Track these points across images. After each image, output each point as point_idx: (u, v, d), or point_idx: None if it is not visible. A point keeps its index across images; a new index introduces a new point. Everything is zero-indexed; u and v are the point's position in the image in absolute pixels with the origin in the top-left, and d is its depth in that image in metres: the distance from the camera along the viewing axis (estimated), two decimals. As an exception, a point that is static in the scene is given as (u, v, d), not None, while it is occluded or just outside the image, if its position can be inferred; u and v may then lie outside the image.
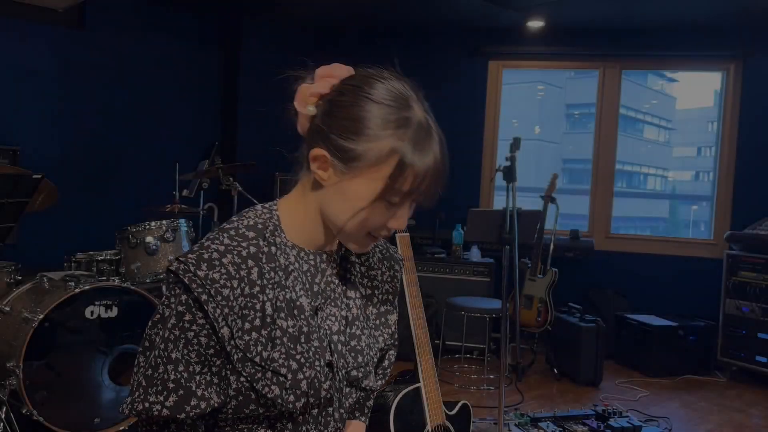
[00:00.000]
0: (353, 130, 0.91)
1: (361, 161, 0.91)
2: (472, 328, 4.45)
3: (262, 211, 1.01)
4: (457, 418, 2.34)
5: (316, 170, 0.95)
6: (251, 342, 0.92)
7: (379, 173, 0.91)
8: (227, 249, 0.93)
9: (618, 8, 4.59)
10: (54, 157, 4.40)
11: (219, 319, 0.90)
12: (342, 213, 0.95)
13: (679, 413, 3.80)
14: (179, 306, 0.92)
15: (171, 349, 0.91)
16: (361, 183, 0.92)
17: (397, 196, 0.92)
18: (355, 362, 1.03)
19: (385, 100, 0.92)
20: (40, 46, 4.35)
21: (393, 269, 1.15)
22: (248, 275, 0.93)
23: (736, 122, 5.00)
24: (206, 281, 0.90)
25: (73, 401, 2.78)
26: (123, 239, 3.33)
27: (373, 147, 0.90)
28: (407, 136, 0.91)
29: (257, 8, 5.02)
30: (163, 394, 0.91)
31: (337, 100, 0.94)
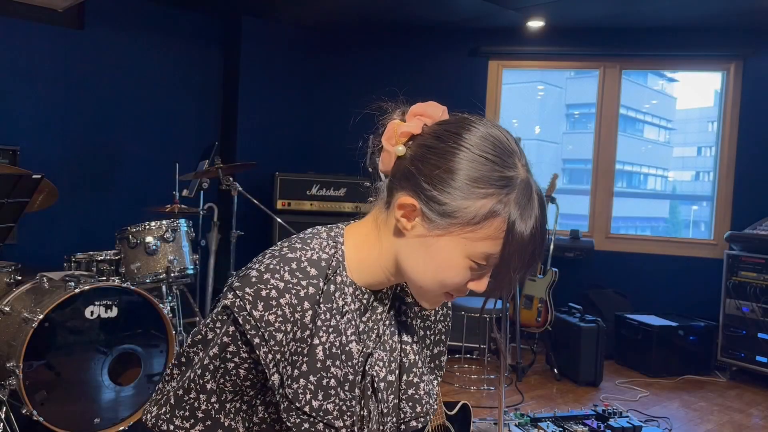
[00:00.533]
0: (449, 182, 0.83)
1: (455, 218, 0.84)
2: (472, 328, 4.45)
3: (327, 242, 0.94)
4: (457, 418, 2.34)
5: (400, 218, 0.88)
6: (299, 390, 0.88)
7: (473, 234, 0.84)
8: (286, 287, 0.87)
9: (618, 8, 4.59)
10: (54, 157, 4.40)
11: (270, 365, 0.87)
12: (424, 270, 0.88)
13: (679, 413, 3.80)
14: (225, 336, 0.88)
15: (207, 379, 0.89)
16: (451, 242, 0.85)
17: (488, 260, 0.86)
18: (413, 412, 0.99)
19: (487, 154, 0.84)
20: (40, 46, 4.35)
21: (446, 307, 1.09)
22: (302, 318, 0.88)
23: (736, 122, 5.00)
24: (261, 323, 0.85)
25: (73, 401, 2.77)
26: (123, 239, 3.33)
27: (471, 205, 0.83)
28: (511, 198, 0.83)
29: (257, 8, 5.02)
30: (190, 422, 0.90)
31: (432, 146, 0.86)
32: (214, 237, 3.99)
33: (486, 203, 0.83)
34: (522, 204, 0.83)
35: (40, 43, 4.35)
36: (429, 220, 0.85)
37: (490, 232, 0.83)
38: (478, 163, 0.83)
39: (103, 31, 4.63)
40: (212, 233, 4.00)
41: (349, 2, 4.77)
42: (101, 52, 4.62)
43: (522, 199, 0.84)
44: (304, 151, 5.44)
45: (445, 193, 0.84)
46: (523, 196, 0.84)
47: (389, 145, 0.90)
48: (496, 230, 0.83)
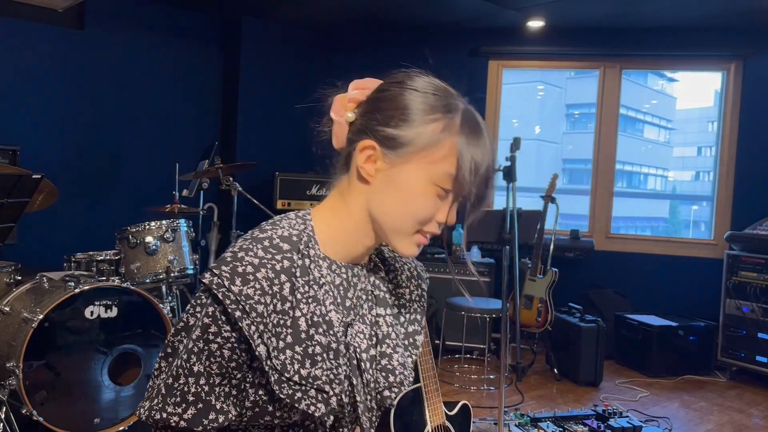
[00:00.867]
0: (401, 117, 0.91)
1: (411, 146, 0.91)
2: (472, 328, 4.45)
3: (296, 221, 0.98)
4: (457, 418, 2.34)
5: (363, 164, 0.93)
6: (287, 361, 0.90)
7: (430, 157, 0.91)
8: (261, 262, 0.90)
9: (618, 8, 4.59)
10: (54, 157, 4.40)
11: (254, 336, 0.88)
12: (393, 204, 0.94)
13: (679, 413, 3.80)
14: (205, 318, 0.90)
15: (194, 362, 0.91)
16: (413, 169, 0.92)
17: (449, 182, 0.92)
18: (386, 382, 1.01)
19: (428, 90, 0.94)
20: (40, 46, 4.35)
21: (421, 288, 1.13)
22: (281, 290, 0.91)
23: (736, 122, 5.00)
24: (240, 297, 0.88)
25: (73, 401, 2.77)
26: (123, 239, 3.33)
27: (423, 131, 0.91)
28: (456, 122, 0.92)
29: (257, 8, 5.02)
30: (182, 406, 0.91)
31: (379, 97, 0.95)
32: (214, 237, 3.99)
33: (437, 126, 0.91)
34: (469, 123, 0.93)
35: (40, 43, 4.35)
36: (389, 156, 0.92)
37: (446, 150, 0.91)
38: (423, 98, 0.93)
39: (103, 31, 4.63)
40: (212, 233, 4.01)
41: (349, 2, 4.77)
42: (101, 52, 4.62)
43: (468, 120, 0.93)
44: (304, 151, 5.44)
45: (399, 127, 0.91)
46: (468, 118, 0.93)
47: (339, 116, 0.97)
48: (451, 148, 0.91)
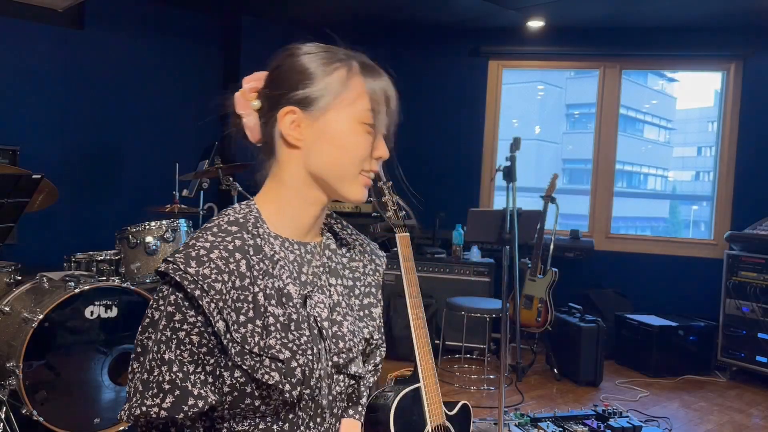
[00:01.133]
0: (305, 78, 0.97)
1: (325, 97, 0.97)
2: (472, 328, 4.45)
3: (240, 207, 1.03)
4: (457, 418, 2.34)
5: (289, 132, 0.98)
6: (247, 334, 0.93)
7: (346, 101, 0.97)
8: (213, 245, 0.94)
9: (618, 8, 4.59)
10: (54, 157, 4.40)
11: (214, 313, 0.91)
12: (330, 154, 0.98)
13: (679, 413, 3.80)
14: (168, 306, 0.92)
15: (164, 351, 0.92)
16: (335, 116, 0.97)
17: (370, 118, 0.98)
18: (336, 348, 1.04)
19: (318, 50, 1.00)
20: (40, 46, 4.35)
21: (374, 263, 1.18)
22: (237, 268, 0.94)
23: (736, 122, 5.00)
24: (197, 277, 0.91)
25: (73, 401, 2.77)
26: (123, 239, 3.33)
27: (330, 81, 0.97)
28: (355, 64, 0.99)
29: (257, 8, 5.02)
30: (160, 396, 0.91)
31: (277, 73, 1.00)
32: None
33: (340, 73, 0.98)
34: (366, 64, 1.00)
35: (40, 43, 4.35)
36: (309, 114, 0.97)
37: (357, 90, 0.98)
38: (316, 56, 0.99)
39: (103, 31, 4.63)
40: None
41: (349, 2, 4.77)
42: (101, 52, 4.62)
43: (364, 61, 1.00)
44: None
45: (307, 86, 0.97)
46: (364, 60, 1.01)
47: (245, 108, 1.03)
48: (360, 87, 0.98)
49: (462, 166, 5.47)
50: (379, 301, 1.17)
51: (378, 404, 2.19)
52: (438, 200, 5.23)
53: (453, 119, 5.47)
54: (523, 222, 3.27)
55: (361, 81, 0.98)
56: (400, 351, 4.48)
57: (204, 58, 5.21)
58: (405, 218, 2.36)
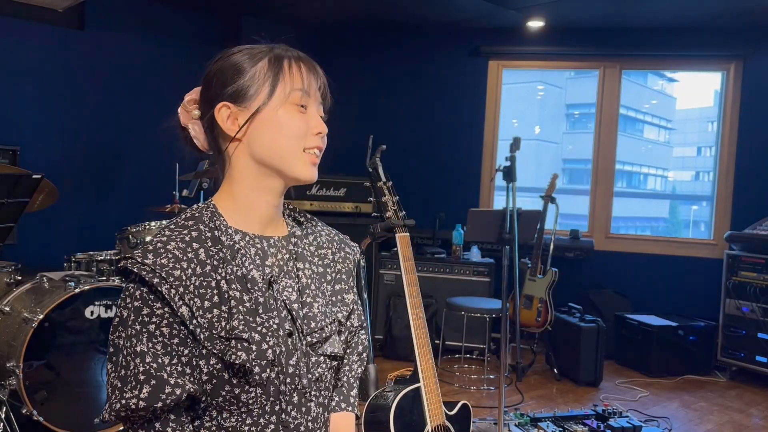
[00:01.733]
0: (233, 73, 1.03)
1: (253, 87, 1.02)
2: (472, 328, 4.45)
3: (197, 205, 1.07)
4: (457, 418, 2.34)
5: (228, 126, 1.03)
6: (214, 319, 0.95)
7: (272, 83, 1.02)
8: (169, 238, 0.98)
9: (618, 8, 4.59)
10: (54, 157, 4.40)
11: (176, 298, 0.93)
12: (270, 137, 1.02)
13: (679, 413, 3.80)
14: (135, 302, 0.94)
15: (135, 344, 0.93)
16: (261, 101, 1.02)
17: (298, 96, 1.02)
18: (308, 328, 1.06)
19: (245, 47, 1.06)
20: (40, 46, 4.35)
21: (344, 251, 1.20)
22: (196, 256, 0.97)
23: (736, 122, 5.00)
24: (155, 266, 0.93)
25: (73, 401, 2.78)
26: (123, 239, 3.33)
27: (255, 71, 1.02)
28: (276, 51, 1.05)
29: (257, 8, 5.02)
30: (137, 388, 0.92)
31: (208, 75, 1.06)
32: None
33: (263, 63, 1.03)
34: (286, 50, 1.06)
35: (40, 43, 4.35)
36: (243, 106, 1.02)
37: (282, 73, 1.02)
38: (243, 52, 1.05)
39: (103, 31, 4.63)
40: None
41: (349, 2, 4.77)
42: (101, 52, 4.62)
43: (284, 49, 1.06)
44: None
45: (236, 80, 1.02)
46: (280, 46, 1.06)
47: (188, 119, 1.09)
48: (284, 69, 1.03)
49: (462, 166, 5.47)
50: (351, 288, 1.19)
51: (378, 404, 2.19)
52: (438, 200, 5.24)
53: (453, 119, 5.47)
54: (523, 222, 3.28)
55: (284, 66, 1.03)
56: (400, 351, 4.48)
57: (204, 58, 5.18)
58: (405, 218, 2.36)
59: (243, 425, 0.98)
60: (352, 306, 1.17)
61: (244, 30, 5.19)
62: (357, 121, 4.23)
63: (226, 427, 0.98)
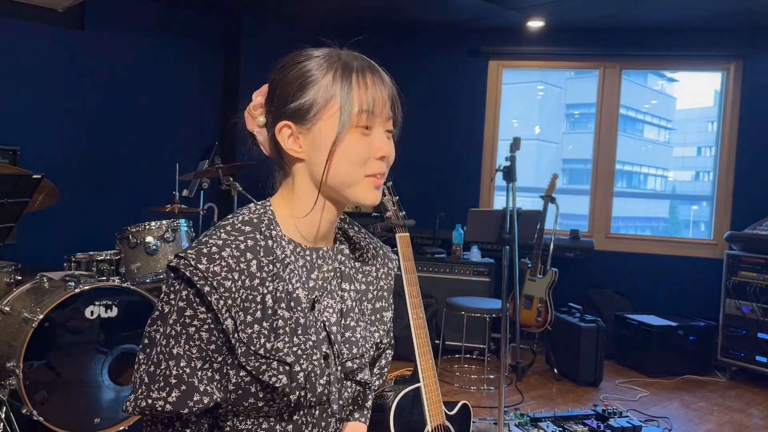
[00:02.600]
0: (299, 87, 0.97)
1: (315, 107, 0.96)
2: (472, 328, 4.45)
3: (255, 207, 1.03)
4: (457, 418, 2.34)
5: (288, 146, 0.99)
6: (254, 335, 0.93)
7: (334, 107, 0.96)
8: (225, 243, 0.94)
9: (618, 8, 4.59)
10: (54, 157, 4.40)
11: (223, 310, 0.91)
12: (332, 165, 0.97)
13: (679, 413, 3.80)
14: (180, 302, 0.92)
15: (172, 345, 0.92)
16: (325, 123, 0.96)
17: (363, 119, 0.96)
18: (350, 353, 1.04)
19: (315, 54, 0.99)
20: (40, 46, 4.35)
21: (387, 266, 1.17)
22: (248, 267, 0.94)
23: (736, 122, 5.00)
24: (208, 274, 0.91)
25: (73, 401, 2.78)
26: (123, 239, 3.33)
27: (320, 88, 0.96)
28: (342, 66, 0.97)
29: (257, 8, 5.02)
30: (166, 390, 0.91)
31: (272, 87, 1.01)
32: (214, 237, 3.96)
33: (327, 78, 0.96)
34: (355, 62, 0.98)
35: (40, 43, 4.35)
36: (304, 127, 0.97)
37: (346, 92, 0.96)
38: (307, 65, 0.98)
39: (103, 31, 4.63)
40: (212, 233, 3.99)
41: (349, 2, 4.77)
42: (101, 52, 4.62)
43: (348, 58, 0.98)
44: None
45: (299, 96, 0.96)
46: (348, 56, 0.99)
47: (253, 125, 1.05)
48: (349, 87, 0.96)
49: (462, 166, 5.47)
50: (391, 306, 1.16)
51: (378, 404, 2.19)
52: (438, 200, 5.24)
53: (453, 119, 5.47)
54: (523, 222, 3.28)
55: (350, 83, 0.96)
56: (400, 351, 4.46)
57: (204, 58, 5.21)
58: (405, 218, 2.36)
59: (259, 429, 0.98)
60: (389, 324, 1.15)
61: (244, 30, 5.19)
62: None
63: (241, 429, 0.98)
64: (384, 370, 1.20)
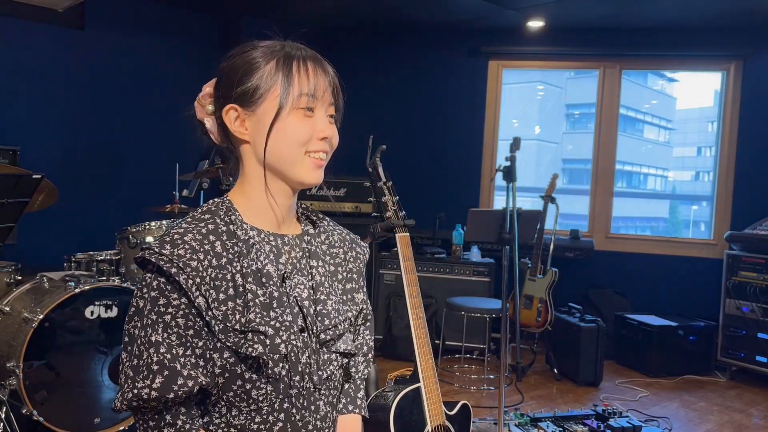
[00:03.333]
0: (245, 72, 1.02)
1: (260, 90, 1.01)
2: (472, 328, 4.45)
3: (213, 200, 1.08)
4: (457, 418, 2.34)
5: (236, 128, 1.03)
6: (228, 312, 0.96)
7: (276, 91, 1.01)
8: (186, 230, 0.98)
9: (618, 8, 4.59)
10: (54, 157, 4.40)
11: (193, 288, 0.94)
12: (273, 143, 1.01)
13: (679, 413, 3.80)
14: (152, 292, 0.95)
15: (150, 334, 0.93)
16: (268, 105, 1.01)
17: (305, 101, 1.01)
18: (322, 325, 1.06)
19: (258, 44, 1.05)
20: (40, 46, 4.35)
21: (355, 251, 1.20)
22: (212, 249, 0.98)
23: (736, 122, 5.00)
24: (173, 257, 0.94)
25: (73, 401, 2.77)
26: (123, 239, 3.33)
27: (262, 73, 1.01)
28: (286, 52, 1.03)
29: (257, 8, 5.02)
30: (150, 378, 0.92)
31: (222, 72, 1.06)
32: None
33: (271, 63, 1.02)
34: (298, 51, 1.04)
35: (40, 43, 4.35)
36: (250, 109, 1.02)
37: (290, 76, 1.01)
38: (253, 52, 1.03)
39: (103, 31, 4.63)
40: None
41: (348, 2, 4.77)
42: (101, 52, 4.62)
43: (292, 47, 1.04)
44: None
45: (243, 82, 1.02)
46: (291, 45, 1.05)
47: (203, 113, 1.09)
48: (293, 72, 1.01)
49: (462, 166, 5.48)
50: (362, 287, 1.20)
51: (378, 404, 2.19)
52: (438, 200, 5.24)
53: (453, 119, 5.47)
54: (523, 222, 3.28)
55: (294, 68, 1.01)
56: (400, 351, 4.48)
57: (204, 58, 5.21)
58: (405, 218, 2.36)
59: (252, 423, 0.99)
60: (361, 305, 1.17)
61: (244, 30, 5.19)
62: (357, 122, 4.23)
63: (234, 424, 0.99)
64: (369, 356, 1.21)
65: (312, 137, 1.03)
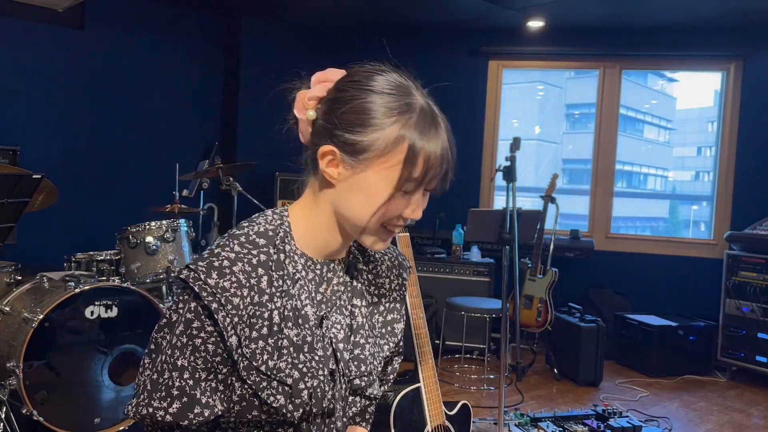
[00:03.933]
0: (358, 122, 0.91)
1: (370, 152, 0.91)
2: (472, 328, 4.45)
3: (272, 217, 1.00)
4: (457, 418, 2.34)
5: (325, 168, 0.94)
6: (257, 350, 0.92)
7: (389, 162, 0.91)
8: (237, 257, 0.93)
9: (618, 8, 4.59)
10: (54, 157, 4.40)
11: (228, 328, 0.90)
12: (358, 208, 0.94)
13: (679, 413, 3.80)
14: (188, 313, 0.91)
15: (177, 356, 0.91)
16: (373, 174, 0.92)
17: (411, 183, 0.92)
18: (358, 371, 1.03)
19: (386, 90, 0.93)
20: (40, 46, 4.35)
21: (401, 277, 1.14)
22: (258, 284, 0.93)
23: (736, 122, 5.00)
24: (216, 290, 0.89)
25: (73, 401, 2.78)
26: (123, 239, 3.33)
27: (380, 136, 0.91)
28: (412, 122, 0.92)
29: (257, 8, 5.02)
30: (167, 401, 0.91)
31: (338, 98, 0.94)
32: (214, 237, 3.99)
33: (393, 130, 0.90)
34: (423, 124, 0.92)
35: (40, 43, 4.35)
36: (350, 162, 0.92)
37: (404, 153, 0.91)
38: (379, 98, 0.91)
39: (103, 31, 4.63)
40: (212, 233, 4.01)
41: (348, 2, 4.77)
42: (101, 52, 4.62)
43: (422, 121, 0.93)
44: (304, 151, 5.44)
45: (357, 132, 0.91)
46: (424, 118, 0.93)
47: (301, 114, 0.98)
48: (409, 148, 0.91)
49: (462, 166, 5.39)
50: (403, 317, 1.14)
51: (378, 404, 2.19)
52: (438, 200, 5.23)
53: (453, 119, 5.40)
54: (523, 222, 3.28)
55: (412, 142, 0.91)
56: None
57: (204, 58, 5.21)
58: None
59: None
60: (400, 336, 1.13)
61: (244, 30, 5.19)
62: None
63: None
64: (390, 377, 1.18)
65: (399, 216, 0.95)
